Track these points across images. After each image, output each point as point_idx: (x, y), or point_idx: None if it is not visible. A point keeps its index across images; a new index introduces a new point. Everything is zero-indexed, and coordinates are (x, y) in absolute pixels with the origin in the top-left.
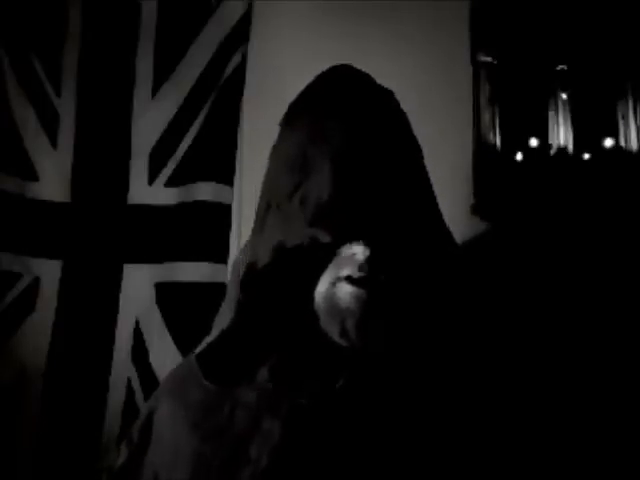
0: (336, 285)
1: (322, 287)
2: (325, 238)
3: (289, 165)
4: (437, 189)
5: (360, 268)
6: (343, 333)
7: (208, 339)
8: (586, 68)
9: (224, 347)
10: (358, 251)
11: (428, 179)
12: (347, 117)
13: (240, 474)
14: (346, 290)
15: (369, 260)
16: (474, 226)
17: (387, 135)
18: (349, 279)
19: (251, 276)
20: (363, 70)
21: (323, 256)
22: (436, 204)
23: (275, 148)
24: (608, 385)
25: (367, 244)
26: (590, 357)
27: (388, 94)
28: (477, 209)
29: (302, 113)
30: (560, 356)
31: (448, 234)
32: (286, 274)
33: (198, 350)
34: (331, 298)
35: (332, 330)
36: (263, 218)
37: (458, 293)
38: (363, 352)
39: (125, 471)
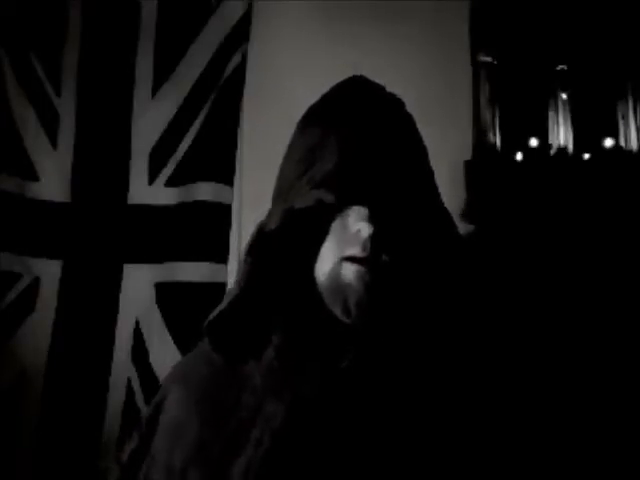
0: (340, 264)
1: (327, 266)
2: (329, 198)
3: (300, 160)
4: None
5: (363, 247)
6: (345, 310)
7: (219, 307)
8: (586, 68)
9: (233, 316)
10: (362, 227)
11: (431, 173)
12: (355, 121)
13: (241, 455)
14: (349, 269)
15: (372, 238)
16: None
17: (393, 135)
18: (352, 259)
19: (259, 239)
20: (375, 81)
21: (328, 218)
22: (437, 192)
23: (288, 149)
24: (605, 384)
25: (371, 218)
26: (590, 360)
27: (398, 103)
28: (473, 211)
29: (314, 121)
30: (559, 349)
31: (449, 217)
32: (293, 236)
33: (209, 319)
34: (335, 277)
35: (335, 307)
36: (274, 202)
37: (459, 274)
38: (364, 329)
39: (133, 459)
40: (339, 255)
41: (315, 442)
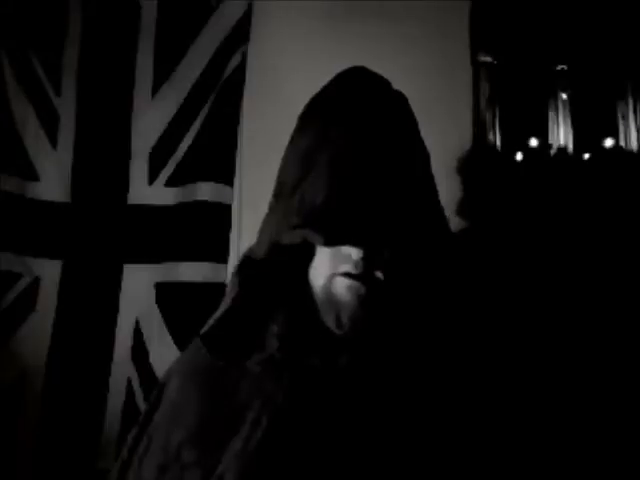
0: (334, 278)
1: (321, 278)
2: (316, 240)
3: (297, 163)
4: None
5: (356, 265)
6: (338, 324)
7: (210, 321)
8: (586, 68)
9: (226, 327)
10: (353, 252)
11: (432, 181)
12: (352, 123)
13: (237, 435)
14: (342, 283)
15: (364, 259)
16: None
17: (391, 140)
18: (347, 274)
19: (245, 267)
20: (377, 73)
21: (314, 254)
22: (438, 205)
23: (289, 145)
24: (604, 383)
25: (359, 248)
26: (588, 362)
27: (398, 98)
28: (472, 211)
29: (314, 116)
30: (554, 351)
31: (447, 228)
32: (279, 267)
33: (202, 330)
34: (328, 290)
35: (328, 320)
36: (270, 209)
37: (454, 290)
38: (356, 341)
39: (131, 449)
40: (332, 271)
41: (313, 425)
